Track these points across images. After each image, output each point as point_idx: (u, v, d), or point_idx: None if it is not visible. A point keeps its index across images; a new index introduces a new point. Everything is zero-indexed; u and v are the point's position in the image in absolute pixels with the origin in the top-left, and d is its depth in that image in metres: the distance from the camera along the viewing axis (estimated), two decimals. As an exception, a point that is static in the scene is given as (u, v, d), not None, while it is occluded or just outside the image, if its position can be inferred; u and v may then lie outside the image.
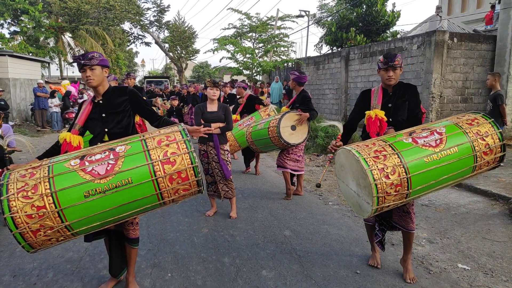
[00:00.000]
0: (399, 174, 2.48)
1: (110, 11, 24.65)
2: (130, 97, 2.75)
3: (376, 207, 2.49)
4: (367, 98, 3.15)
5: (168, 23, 30.47)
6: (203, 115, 4.39)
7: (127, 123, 2.73)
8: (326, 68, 13.86)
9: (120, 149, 2.29)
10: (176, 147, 2.30)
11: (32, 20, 20.74)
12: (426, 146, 2.59)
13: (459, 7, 18.22)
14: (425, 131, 2.72)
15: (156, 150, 2.27)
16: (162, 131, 2.44)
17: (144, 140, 2.34)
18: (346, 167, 2.78)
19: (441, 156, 2.56)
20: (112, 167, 2.20)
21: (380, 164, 2.48)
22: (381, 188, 2.45)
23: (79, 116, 2.73)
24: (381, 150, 2.57)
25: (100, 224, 2.28)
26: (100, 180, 2.16)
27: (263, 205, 5.06)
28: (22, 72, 15.45)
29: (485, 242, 3.82)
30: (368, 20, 16.22)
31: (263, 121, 5.52)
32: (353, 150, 2.60)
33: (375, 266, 3.28)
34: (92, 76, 2.59)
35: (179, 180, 2.27)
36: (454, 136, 2.66)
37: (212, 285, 3.01)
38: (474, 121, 2.80)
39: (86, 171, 2.18)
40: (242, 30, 18.20)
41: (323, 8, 23.24)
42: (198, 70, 45.94)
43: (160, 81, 26.65)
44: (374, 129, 2.98)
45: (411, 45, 9.57)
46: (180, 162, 2.26)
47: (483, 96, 9.40)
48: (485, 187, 5.47)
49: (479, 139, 2.68)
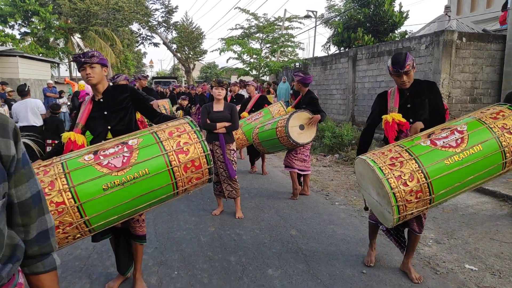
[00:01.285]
0: (418, 180, 2.39)
1: (119, 12, 24.87)
2: (131, 94, 2.80)
3: (398, 216, 2.42)
4: (383, 101, 3.04)
5: (176, 23, 30.63)
6: (209, 114, 4.42)
7: (129, 119, 2.78)
8: (334, 69, 13.83)
9: (132, 142, 2.32)
10: (188, 137, 2.36)
11: (42, 21, 21.01)
12: (446, 147, 2.47)
13: (469, 6, 18.03)
14: (445, 131, 2.59)
15: (169, 141, 2.32)
16: (170, 124, 2.48)
17: (155, 133, 2.37)
18: (365, 176, 2.70)
19: (463, 157, 2.43)
20: (128, 159, 2.22)
21: (396, 172, 2.40)
22: (400, 197, 2.36)
23: (80, 115, 2.75)
24: (397, 157, 2.47)
25: (117, 218, 2.29)
26: (118, 173, 2.17)
27: (270, 205, 5.07)
28: (32, 73, 15.67)
29: (493, 243, 3.79)
30: (376, 20, 16.15)
31: (270, 122, 5.51)
32: (368, 159, 2.52)
33: (367, 264, 3.26)
34: (92, 74, 2.63)
35: (192, 168, 2.33)
36: (477, 134, 2.50)
37: (218, 283, 3.03)
38: (500, 114, 2.60)
39: (103, 165, 2.18)
40: (249, 31, 18.23)
41: (331, 8, 23.18)
42: (206, 70, 46.10)
43: (168, 81, 26.77)
44: (392, 133, 2.87)
45: (419, 45, 9.51)
46: (193, 151, 2.33)
47: (493, 96, 9.31)
48: (494, 187, 5.42)
49: (506, 133, 2.48)
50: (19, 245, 1.06)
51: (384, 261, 3.38)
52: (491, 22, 14.65)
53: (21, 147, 1.05)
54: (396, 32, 16.78)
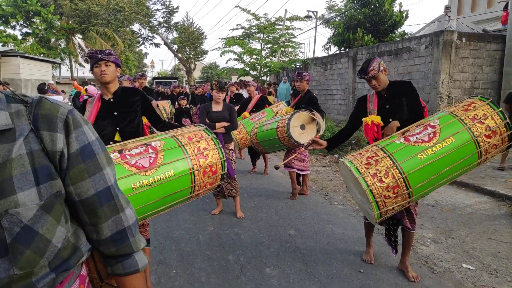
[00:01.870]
0: (393, 176, 2.48)
1: (120, 13, 24.93)
2: (142, 98, 2.83)
3: (378, 211, 2.49)
4: (363, 105, 3.18)
5: (177, 24, 30.68)
6: (208, 114, 4.45)
7: (138, 122, 2.79)
8: (334, 69, 13.85)
9: (155, 143, 2.32)
10: (206, 143, 2.45)
11: (44, 21, 21.08)
12: (419, 142, 2.57)
13: (469, 7, 18.03)
14: (418, 127, 2.70)
15: (190, 145, 2.38)
16: (186, 130, 2.54)
17: (175, 136, 2.41)
18: (348, 178, 2.83)
19: (436, 150, 2.52)
20: (155, 160, 2.23)
21: (372, 170, 2.51)
22: (377, 193, 2.46)
23: (88, 114, 2.70)
24: (373, 156, 2.59)
25: (139, 218, 2.26)
26: (146, 173, 2.16)
27: (268, 204, 5.09)
28: (34, 73, 15.73)
29: (490, 243, 3.80)
30: (376, 20, 16.16)
31: (270, 122, 5.49)
32: (346, 161, 2.66)
33: (368, 262, 3.30)
34: (106, 71, 2.62)
35: (210, 173, 2.41)
36: (448, 127, 2.59)
37: (216, 282, 3.05)
38: (471, 105, 2.69)
39: (131, 164, 2.15)
40: (250, 31, 18.25)
41: (331, 8, 23.19)
42: (207, 71, 46.14)
43: (169, 81, 26.83)
44: (371, 135, 3.01)
45: (419, 45, 9.52)
46: (212, 156, 2.42)
47: (493, 96, 9.31)
48: (492, 187, 5.43)
49: (477, 123, 2.57)
50: (78, 250, 0.95)
51: (382, 260, 3.40)
52: (492, 22, 14.65)
53: (78, 139, 0.90)
54: (396, 32, 16.77)
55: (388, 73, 9.89)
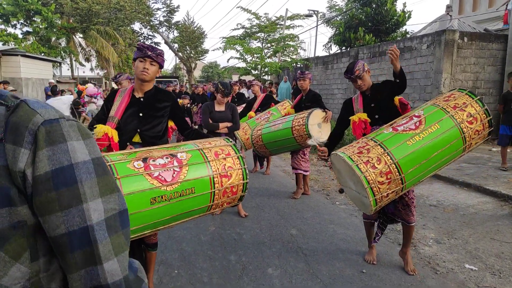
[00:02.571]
0: (385, 162, 2.59)
1: (121, 12, 24.91)
2: (172, 104, 2.72)
3: (373, 198, 2.56)
4: (349, 106, 3.33)
5: (177, 23, 30.65)
6: (211, 114, 4.42)
7: (161, 128, 2.68)
8: (335, 68, 13.83)
9: (181, 156, 2.22)
10: (232, 162, 2.32)
11: (44, 20, 21.06)
12: (406, 130, 2.70)
13: (470, 6, 17.99)
14: (404, 118, 2.86)
15: (215, 162, 2.26)
16: (213, 143, 2.41)
17: (202, 150, 2.30)
18: (341, 170, 2.89)
19: (423, 136, 2.65)
20: (178, 174, 2.12)
21: (364, 158, 2.61)
22: (371, 179, 2.53)
23: (116, 108, 2.57)
24: (364, 145, 2.71)
25: (150, 232, 2.19)
26: (167, 187, 2.06)
27: (270, 204, 5.07)
28: (34, 72, 15.72)
29: (493, 243, 3.78)
30: (378, 20, 16.12)
31: (278, 123, 5.25)
32: (339, 152, 2.74)
33: (371, 262, 3.31)
34: (149, 70, 2.51)
35: (230, 193, 2.30)
36: (432, 115, 2.75)
37: (218, 282, 3.04)
38: (451, 96, 2.89)
39: (153, 176, 2.06)
40: (251, 30, 18.22)
41: (332, 8, 23.16)
42: (207, 70, 46.13)
43: (170, 81, 26.82)
44: (359, 131, 3.14)
45: (421, 44, 9.50)
46: (235, 177, 2.29)
47: (494, 96, 9.29)
48: (495, 187, 5.41)
49: (459, 110, 2.75)
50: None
51: (384, 260, 3.38)
52: (493, 22, 14.62)
53: (52, 159, 0.68)
54: (397, 32, 16.73)
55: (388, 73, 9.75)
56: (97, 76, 34.32)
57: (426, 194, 5.45)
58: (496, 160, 7.24)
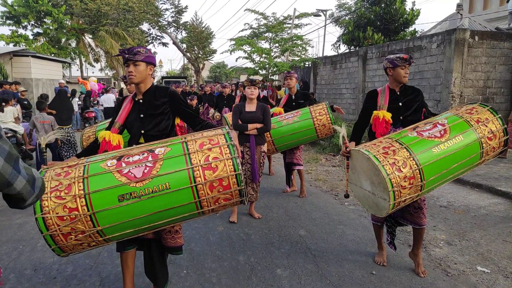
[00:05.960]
0: (410, 167, 2.54)
1: (129, 12, 25.09)
2: (170, 99, 2.58)
3: (393, 202, 2.51)
4: (374, 98, 3.18)
5: (185, 23, 30.77)
6: (240, 115, 4.30)
7: (165, 126, 2.58)
8: (344, 68, 13.75)
9: (159, 151, 2.13)
10: (219, 151, 2.10)
11: (55, 22, 21.29)
12: (432, 137, 2.67)
13: (481, 4, 17.77)
14: (428, 124, 2.82)
15: (197, 154, 2.08)
16: (205, 134, 2.25)
17: (186, 143, 2.17)
18: (357, 168, 2.82)
19: (448, 146, 2.64)
20: (150, 170, 2.04)
21: (390, 159, 2.54)
22: (395, 182, 2.49)
23: (119, 113, 2.60)
24: (389, 146, 2.64)
25: (133, 232, 2.14)
26: (136, 184, 1.99)
27: (278, 204, 5.06)
28: (44, 73, 15.88)
29: (506, 245, 3.72)
30: (387, 19, 15.99)
31: (290, 117, 5.05)
32: (362, 149, 2.66)
33: (381, 264, 3.28)
34: (134, 72, 2.44)
35: (220, 188, 2.07)
36: (457, 126, 2.74)
37: (226, 283, 3.03)
38: (473, 110, 2.90)
39: (122, 173, 2.02)
40: (258, 30, 18.19)
41: (341, 7, 23.05)
42: (215, 70, 46.23)
43: (178, 81, 26.93)
44: (380, 129, 3.03)
45: (431, 43, 9.39)
46: (222, 168, 2.06)
47: (506, 95, 9.15)
48: (507, 188, 5.33)
49: (481, 125, 2.76)
50: None
51: (394, 262, 3.35)
52: (504, 20, 14.40)
53: None
54: (406, 31, 16.58)
55: (399, 72, 9.57)
56: (106, 76, 34.61)
57: (437, 195, 5.39)
58: (507, 160, 7.13)
